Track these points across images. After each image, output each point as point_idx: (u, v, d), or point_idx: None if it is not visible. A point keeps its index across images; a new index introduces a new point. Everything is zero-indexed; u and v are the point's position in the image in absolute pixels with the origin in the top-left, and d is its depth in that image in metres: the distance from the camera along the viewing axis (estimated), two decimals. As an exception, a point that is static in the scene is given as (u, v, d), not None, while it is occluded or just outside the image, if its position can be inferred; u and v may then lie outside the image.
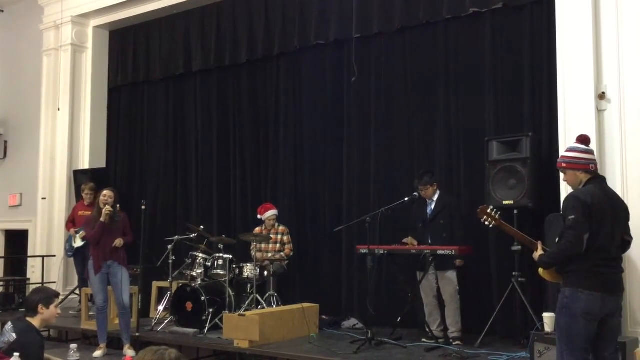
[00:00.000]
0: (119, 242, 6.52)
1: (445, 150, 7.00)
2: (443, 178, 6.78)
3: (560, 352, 3.81)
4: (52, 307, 4.35)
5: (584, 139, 4.10)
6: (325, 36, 7.80)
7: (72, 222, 8.49)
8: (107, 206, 6.48)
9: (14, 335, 4.12)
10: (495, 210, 4.28)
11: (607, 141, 5.79)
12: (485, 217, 4.25)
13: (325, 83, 8.00)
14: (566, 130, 5.86)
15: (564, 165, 4.07)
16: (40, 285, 9.07)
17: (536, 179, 5.94)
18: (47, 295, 4.41)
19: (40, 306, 4.31)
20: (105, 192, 6.60)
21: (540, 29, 6.43)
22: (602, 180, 4.05)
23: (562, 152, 5.77)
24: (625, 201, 5.58)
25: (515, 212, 5.91)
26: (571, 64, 5.91)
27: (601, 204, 3.83)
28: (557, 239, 3.98)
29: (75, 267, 8.82)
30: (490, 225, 4.27)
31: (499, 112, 6.66)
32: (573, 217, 3.75)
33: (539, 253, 4.03)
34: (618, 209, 3.98)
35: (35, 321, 4.29)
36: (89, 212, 7.24)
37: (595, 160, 4.06)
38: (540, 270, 4.06)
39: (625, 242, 4.03)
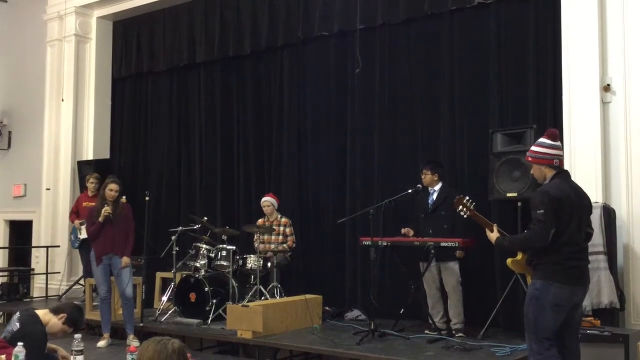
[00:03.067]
0: (125, 263, 6.54)
1: (449, 141, 6.98)
2: (447, 169, 6.76)
3: (529, 341, 3.96)
4: (65, 326, 4.30)
5: (551, 134, 4.14)
6: (329, 27, 7.77)
7: (75, 213, 8.50)
8: (106, 207, 6.49)
9: (17, 324, 4.15)
10: (470, 200, 4.40)
11: (611, 133, 5.79)
12: (461, 207, 4.37)
13: (329, 74, 7.97)
14: (571, 122, 5.86)
15: (529, 159, 4.16)
16: (45, 273, 9.15)
17: (540, 171, 5.91)
18: (76, 318, 4.36)
19: (62, 315, 4.27)
20: (112, 186, 6.57)
21: (545, 21, 6.40)
22: (567, 175, 4.14)
23: (566, 145, 5.81)
24: (629, 192, 5.65)
25: (519, 204, 5.90)
26: (576, 55, 5.90)
27: (570, 199, 3.93)
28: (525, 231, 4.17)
29: (80, 258, 8.85)
30: (465, 216, 4.39)
31: (503, 104, 6.64)
32: (542, 211, 3.85)
33: (495, 235, 4.19)
34: (584, 203, 4.08)
35: (45, 316, 4.30)
36: (93, 203, 7.25)
37: (561, 155, 4.14)
38: (509, 261, 4.23)
39: (588, 234, 4.14)
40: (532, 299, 3.92)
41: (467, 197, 4.43)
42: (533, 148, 4.16)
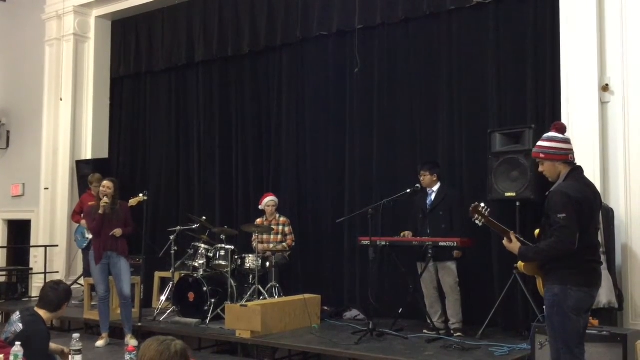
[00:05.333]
0: (117, 232, 6.54)
1: (448, 141, 6.98)
2: (445, 169, 6.77)
3: (556, 350, 3.74)
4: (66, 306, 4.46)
5: (560, 127, 3.91)
6: (328, 27, 7.77)
7: (79, 213, 8.47)
8: (104, 198, 6.51)
9: (20, 325, 4.12)
10: (486, 207, 4.07)
11: (610, 133, 5.80)
12: (476, 215, 4.05)
13: (328, 74, 7.97)
14: (569, 122, 5.84)
15: (541, 155, 3.86)
16: (43, 273, 9.14)
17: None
18: (70, 294, 4.52)
19: (64, 305, 4.39)
20: (104, 182, 6.64)
21: (544, 20, 6.41)
22: (581, 171, 3.89)
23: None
24: (628, 192, 5.66)
25: (518, 204, 5.91)
26: (575, 55, 5.90)
27: (589, 200, 3.75)
28: (536, 231, 3.95)
29: (83, 257, 8.83)
30: (480, 224, 4.07)
31: (502, 104, 6.65)
32: (565, 215, 3.61)
33: (516, 245, 3.87)
34: (598, 201, 3.92)
35: (47, 315, 4.30)
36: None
37: (573, 150, 3.88)
38: (520, 264, 3.96)
39: (596, 229, 4.01)
40: (554, 306, 3.69)
41: (483, 205, 4.06)
42: (544, 144, 3.86)
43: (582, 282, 3.69)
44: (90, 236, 8.19)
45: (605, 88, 5.79)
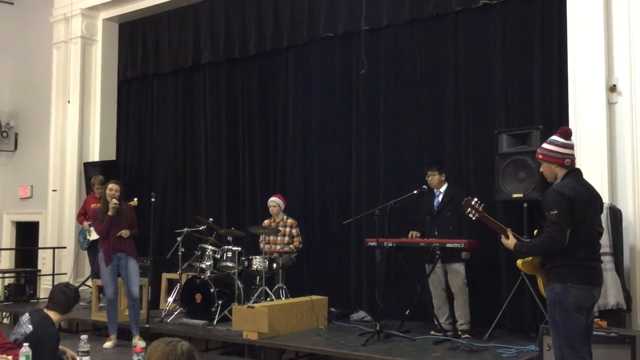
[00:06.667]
0: (125, 232, 6.57)
1: (454, 142, 6.97)
2: (452, 170, 6.76)
3: (560, 349, 3.78)
4: None
5: (564, 132, 4.03)
6: (334, 28, 7.78)
7: (83, 215, 8.55)
8: (113, 199, 6.54)
9: (30, 327, 4.13)
10: (479, 202, 4.22)
11: (617, 134, 5.77)
12: (469, 209, 4.20)
13: (334, 75, 7.97)
14: (577, 123, 5.84)
15: (540, 157, 4.03)
16: (51, 274, 9.19)
17: (546, 172, 5.90)
18: (79, 297, 4.57)
19: (74, 307, 4.44)
20: (111, 185, 6.66)
21: (551, 21, 6.39)
22: (579, 173, 4.00)
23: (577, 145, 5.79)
24: (636, 193, 5.63)
25: (525, 205, 5.90)
26: (582, 56, 5.88)
27: (583, 198, 3.83)
28: (535, 231, 4.05)
29: (88, 259, 8.88)
30: (474, 218, 4.21)
31: (508, 105, 6.64)
32: (556, 212, 3.74)
33: (512, 241, 4.02)
34: (596, 202, 3.99)
35: (57, 316, 4.32)
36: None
37: (573, 154, 3.99)
38: (519, 262, 4.07)
39: (599, 233, 4.05)
40: (555, 304, 3.76)
41: (476, 199, 4.23)
42: (545, 146, 4.02)
43: (582, 279, 3.75)
44: (91, 237, 8.26)
45: (612, 89, 5.77)
